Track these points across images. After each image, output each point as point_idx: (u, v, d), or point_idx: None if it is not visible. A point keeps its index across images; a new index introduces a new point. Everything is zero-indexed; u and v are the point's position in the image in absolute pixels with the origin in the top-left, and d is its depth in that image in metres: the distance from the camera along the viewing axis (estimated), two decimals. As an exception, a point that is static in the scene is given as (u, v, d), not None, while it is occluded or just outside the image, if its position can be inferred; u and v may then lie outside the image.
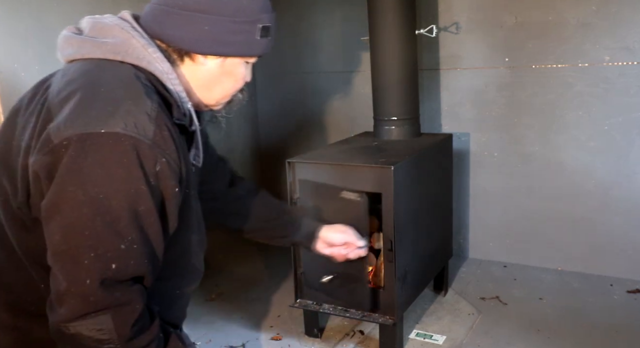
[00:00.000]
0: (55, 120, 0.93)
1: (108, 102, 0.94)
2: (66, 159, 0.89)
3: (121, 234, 0.92)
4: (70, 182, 0.89)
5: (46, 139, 0.92)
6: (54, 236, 0.91)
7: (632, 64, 2.50)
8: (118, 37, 1.04)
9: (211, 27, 1.06)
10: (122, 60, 1.03)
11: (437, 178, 2.45)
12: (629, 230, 2.66)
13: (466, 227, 3.04)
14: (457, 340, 2.25)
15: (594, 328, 2.29)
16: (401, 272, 2.06)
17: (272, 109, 3.41)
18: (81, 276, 0.90)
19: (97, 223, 0.90)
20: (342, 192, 2.00)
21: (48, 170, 0.91)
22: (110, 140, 0.90)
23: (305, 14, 3.19)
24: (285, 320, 2.46)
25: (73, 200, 0.90)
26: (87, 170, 0.89)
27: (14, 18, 2.01)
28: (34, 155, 0.93)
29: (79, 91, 0.96)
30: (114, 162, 0.90)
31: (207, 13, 1.05)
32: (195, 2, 1.04)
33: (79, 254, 0.90)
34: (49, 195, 0.91)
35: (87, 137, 0.89)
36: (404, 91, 2.47)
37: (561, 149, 2.72)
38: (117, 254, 0.92)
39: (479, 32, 2.77)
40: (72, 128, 0.90)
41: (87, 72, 1.01)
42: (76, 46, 1.07)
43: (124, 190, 0.91)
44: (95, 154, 0.89)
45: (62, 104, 0.95)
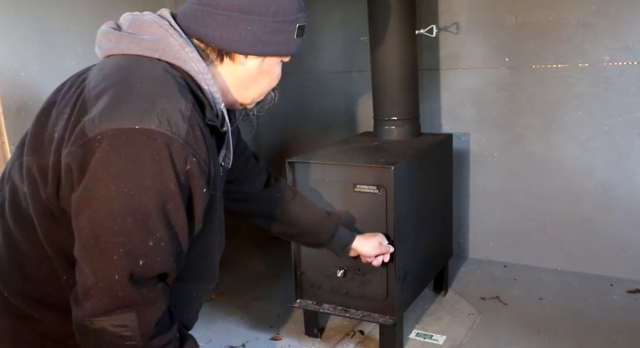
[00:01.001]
0: (90, 114, 0.93)
1: (143, 98, 0.94)
2: (99, 153, 0.90)
3: (150, 231, 0.92)
4: (102, 177, 0.90)
5: (80, 131, 0.92)
6: (84, 230, 0.92)
7: (632, 64, 2.50)
8: (156, 35, 1.05)
9: (253, 28, 1.07)
10: (159, 58, 1.04)
11: (437, 178, 2.45)
12: (629, 230, 2.66)
13: (466, 227, 3.04)
14: (457, 340, 2.25)
15: (594, 328, 2.29)
16: (401, 272, 2.06)
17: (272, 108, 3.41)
18: (110, 271, 0.91)
19: (127, 219, 0.90)
20: (357, 186, 2.01)
21: (80, 163, 0.91)
22: (144, 136, 0.90)
23: (305, 14, 3.18)
24: (285, 320, 2.46)
25: (104, 194, 0.90)
26: (119, 166, 0.89)
27: (14, 18, 2.01)
28: (68, 147, 0.94)
29: (114, 86, 0.97)
30: (147, 158, 0.90)
31: (249, 13, 1.06)
32: (237, 2, 1.05)
33: (108, 249, 0.90)
34: (80, 189, 0.91)
35: (121, 133, 0.90)
36: (404, 91, 2.47)
37: (561, 149, 2.73)
38: (146, 251, 0.92)
39: (479, 32, 2.77)
40: (107, 122, 0.91)
41: (124, 67, 1.02)
42: (114, 41, 1.07)
43: (155, 188, 0.92)
44: (128, 149, 0.90)
45: (97, 98, 0.96)
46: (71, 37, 2.19)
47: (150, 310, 0.95)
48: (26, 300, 1.08)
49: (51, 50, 2.13)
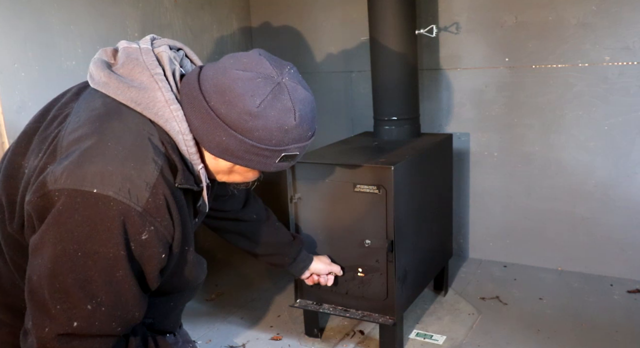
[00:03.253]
0: (57, 164, 0.93)
1: (110, 160, 0.93)
2: (55, 209, 0.90)
3: (90, 295, 0.92)
4: (53, 234, 0.90)
5: (43, 182, 0.92)
6: (32, 276, 0.93)
7: (632, 64, 2.50)
8: (144, 85, 1.02)
9: (229, 140, 1.04)
10: (141, 112, 1.02)
11: (437, 178, 2.45)
12: (629, 230, 2.66)
13: (466, 227, 3.04)
14: (457, 340, 2.25)
15: (594, 328, 2.29)
16: (401, 272, 2.06)
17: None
18: (43, 323, 0.92)
19: (69, 278, 0.91)
20: (357, 186, 2.01)
21: (39, 213, 0.93)
22: (99, 202, 0.90)
23: (305, 14, 3.19)
24: (285, 320, 2.46)
25: (52, 251, 0.90)
26: (71, 227, 0.90)
27: (14, 18, 2.01)
28: (30, 195, 0.94)
29: (88, 139, 0.95)
30: (99, 224, 0.90)
31: (232, 127, 1.03)
32: (226, 111, 1.02)
33: (46, 303, 0.91)
34: (35, 237, 0.93)
35: (78, 195, 0.90)
36: (404, 91, 2.47)
37: (561, 149, 2.73)
38: (82, 313, 0.92)
39: (479, 32, 2.77)
40: (67, 180, 0.91)
41: (104, 117, 1.00)
42: (104, 80, 1.04)
43: (103, 254, 0.91)
44: (82, 213, 0.90)
45: (69, 147, 0.95)
46: (71, 37, 2.19)
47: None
48: (6, 311, 1.10)
49: (51, 50, 2.13)
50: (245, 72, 1.02)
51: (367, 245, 2.05)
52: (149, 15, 2.57)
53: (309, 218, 2.14)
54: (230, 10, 3.18)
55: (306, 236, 2.16)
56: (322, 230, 2.13)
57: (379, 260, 2.04)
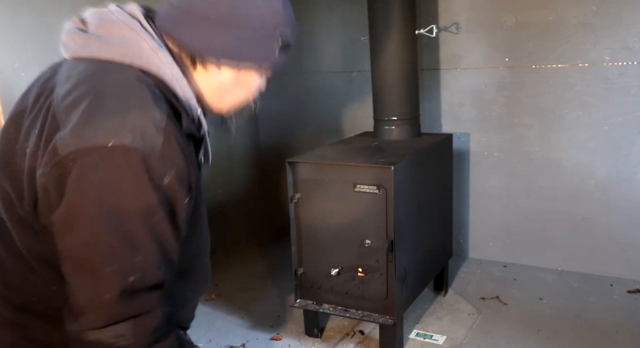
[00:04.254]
0: (62, 130, 0.91)
1: (115, 111, 0.91)
2: (75, 174, 0.87)
3: (136, 247, 0.91)
4: (81, 199, 0.88)
5: (53, 150, 0.89)
6: (70, 251, 0.91)
7: (632, 64, 2.50)
8: (127, 38, 1.00)
9: (228, 38, 1.03)
10: (131, 64, 0.99)
11: (437, 178, 2.45)
12: (629, 230, 2.66)
13: (466, 227, 3.04)
14: (457, 340, 2.25)
15: (594, 328, 2.29)
16: (401, 272, 2.06)
17: (272, 109, 3.41)
18: (100, 290, 0.90)
19: (112, 238, 0.89)
20: (357, 186, 2.01)
21: (56, 183, 0.89)
22: (118, 154, 0.88)
23: (305, 14, 3.19)
24: (285, 320, 2.46)
25: (86, 217, 0.88)
26: (97, 186, 0.87)
27: (14, 18, 2.01)
28: (42, 168, 0.91)
29: (85, 98, 0.93)
30: (124, 176, 0.89)
31: (227, 25, 1.02)
32: (215, 11, 1.01)
33: (97, 269, 0.90)
34: (61, 212, 0.90)
35: (94, 151, 0.87)
36: (404, 91, 2.47)
37: (561, 149, 2.73)
38: (134, 267, 0.91)
39: (479, 32, 2.77)
40: (79, 141, 0.88)
41: (93, 75, 0.98)
42: (81, 44, 1.02)
43: (136, 205, 0.90)
44: (104, 168, 0.88)
45: (68, 111, 0.93)
46: (71, 37, 2.18)
47: (144, 319, 0.94)
48: (14, 310, 1.06)
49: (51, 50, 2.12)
50: None
51: (367, 245, 2.05)
52: (149, 15, 2.57)
53: (309, 218, 2.14)
54: (230, 10, 3.17)
55: (306, 236, 2.16)
56: (322, 230, 2.13)
57: (379, 260, 2.04)
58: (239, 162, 3.32)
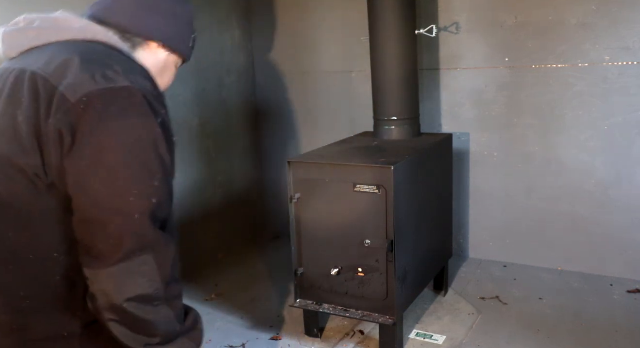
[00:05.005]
0: (63, 84, 0.97)
1: (107, 64, 1.01)
2: (91, 113, 0.95)
3: (152, 173, 1.01)
4: (103, 133, 0.96)
5: (61, 99, 0.96)
6: (95, 185, 0.97)
7: (632, 64, 2.50)
8: (77, 25, 1.11)
9: (172, 26, 1.23)
10: (92, 39, 1.10)
11: (437, 178, 2.45)
12: (629, 230, 2.66)
13: (466, 227, 3.04)
14: (457, 340, 2.25)
15: (594, 328, 2.29)
16: (401, 272, 2.06)
17: (272, 108, 3.41)
18: (131, 212, 0.98)
19: (135, 165, 0.99)
20: (357, 186, 2.01)
21: (70, 128, 0.95)
22: (125, 92, 0.98)
23: (305, 14, 3.19)
24: (285, 320, 2.46)
25: (111, 148, 0.96)
26: (114, 120, 0.96)
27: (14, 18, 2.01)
28: (50, 118, 0.96)
29: (74, 57, 1.01)
30: (134, 111, 0.99)
31: (173, 14, 1.23)
32: (163, 2, 1.21)
33: (125, 195, 0.98)
34: (83, 152, 0.96)
35: (104, 92, 0.96)
36: (404, 91, 2.47)
37: (561, 149, 2.73)
38: (153, 190, 1.01)
39: (479, 32, 2.77)
40: (87, 86, 0.96)
41: (67, 46, 1.07)
42: (34, 35, 1.11)
43: (147, 135, 1.00)
44: (117, 106, 0.97)
45: (61, 70, 0.99)
46: (71, 37, 2.18)
47: (164, 252, 1.01)
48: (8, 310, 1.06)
49: (51, 50, 2.12)
50: None
51: (367, 245, 2.05)
52: (149, 15, 2.57)
53: (309, 218, 2.14)
54: (230, 10, 3.18)
55: (306, 236, 2.16)
56: (322, 230, 2.13)
57: (379, 260, 2.04)
58: (239, 162, 3.32)
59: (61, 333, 1.05)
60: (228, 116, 3.20)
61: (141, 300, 0.99)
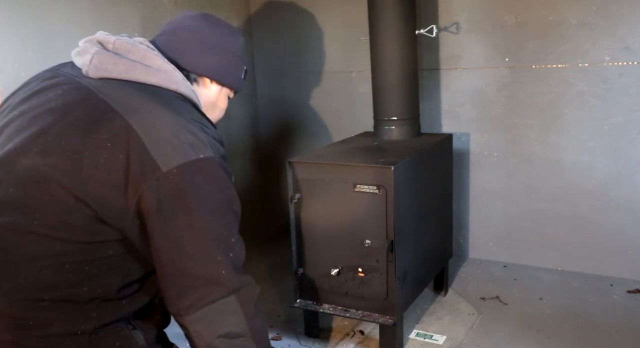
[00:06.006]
0: (157, 152, 1.05)
1: (192, 130, 1.11)
2: (181, 183, 1.05)
3: (231, 229, 1.14)
4: (193, 199, 1.06)
5: (153, 167, 1.04)
6: (190, 251, 1.07)
7: (632, 64, 2.50)
8: (164, 67, 1.19)
9: (225, 61, 1.34)
10: (176, 90, 1.19)
11: (437, 178, 2.45)
12: (629, 230, 2.66)
13: (466, 227, 3.04)
14: (457, 340, 2.25)
15: (594, 328, 2.29)
16: (401, 272, 2.06)
17: (272, 109, 3.41)
18: (219, 268, 1.10)
19: (220, 225, 1.11)
20: (357, 186, 2.01)
21: (160, 195, 1.04)
22: (207, 163, 1.09)
23: (305, 14, 3.19)
24: (285, 320, 2.46)
25: (199, 212, 1.07)
26: (201, 187, 1.08)
27: (15, 18, 2.01)
28: (142, 182, 1.04)
29: (167, 121, 1.09)
30: (217, 178, 1.11)
31: (225, 50, 1.34)
32: (217, 39, 1.32)
33: (213, 253, 1.10)
34: (172, 217, 1.06)
35: (192, 164, 1.07)
36: (404, 91, 2.47)
37: (561, 149, 2.73)
38: (232, 245, 1.13)
39: (479, 32, 2.77)
40: (177, 157, 1.06)
41: (155, 96, 1.14)
42: (124, 68, 1.16)
43: (227, 197, 1.13)
44: (203, 174, 1.08)
45: (154, 134, 1.06)
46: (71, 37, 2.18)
47: (245, 291, 1.14)
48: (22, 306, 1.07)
49: (51, 50, 2.12)
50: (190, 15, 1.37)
51: (367, 245, 2.05)
52: (148, 15, 2.57)
53: (309, 218, 2.15)
54: (230, 10, 3.18)
55: (306, 236, 2.16)
56: (322, 230, 2.13)
57: (379, 260, 2.04)
58: (239, 162, 3.32)
59: (75, 331, 1.09)
60: (228, 116, 3.21)
61: (231, 336, 1.11)
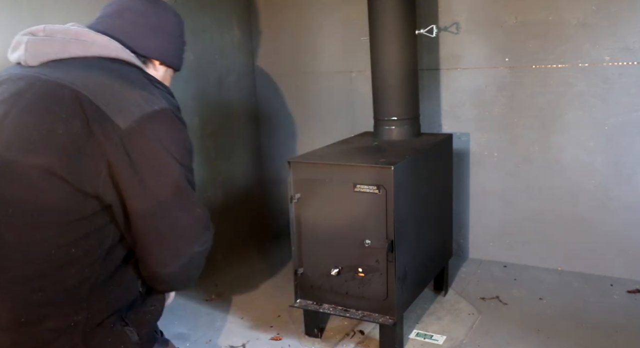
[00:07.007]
0: (113, 109, 1.09)
1: (145, 87, 1.17)
2: (140, 135, 1.10)
3: (192, 172, 1.24)
4: (158, 149, 1.13)
5: (112, 125, 1.08)
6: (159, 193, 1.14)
7: (632, 64, 2.50)
8: (99, 40, 1.22)
9: (171, 43, 1.39)
10: (115, 57, 1.22)
11: (437, 178, 2.45)
12: (629, 230, 2.66)
13: (466, 227, 3.04)
14: (457, 340, 2.25)
15: (594, 328, 2.29)
16: (401, 272, 2.06)
17: (272, 109, 3.41)
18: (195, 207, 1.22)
19: (187, 172, 1.20)
20: (357, 186, 2.01)
21: (123, 148, 1.08)
22: (164, 113, 1.15)
23: (305, 14, 3.19)
24: (285, 320, 2.46)
25: (167, 160, 1.14)
26: (163, 137, 1.14)
27: (15, 18, 2.01)
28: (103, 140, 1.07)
29: (113, 83, 1.14)
30: (175, 126, 1.17)
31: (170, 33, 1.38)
32: (162, 21, 1.35)
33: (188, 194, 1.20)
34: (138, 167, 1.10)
35: (150, 115, 1.12)
36: (404, 91, 2.47)
37: (561, 149, 2.73)
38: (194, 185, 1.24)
39: (479, 32, 2.77)
40: (135, 112, 1.10)
41: (97, 64, 1.18)
42: (59, 48, 1.19)
43: (188, 146, 1.21)
44: (161, 124, 1.14)
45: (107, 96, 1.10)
46: (71, 37, 2.18)
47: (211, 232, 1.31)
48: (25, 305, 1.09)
49: (51, 50, 2.12)
50: None
51: (367, 245, 2.05)
52: (149, 15, 2.57)
53: (309, 218, 2.15)
54: (230, 10, 3.18)
55: (306, 236, 2.16)
56: (322, 230, 2.13)
57: (379, 260, 2.04)
58: (239, 162, 3.32)
59: (68, 323, 1.11)
60: (228, 116, 3.20)
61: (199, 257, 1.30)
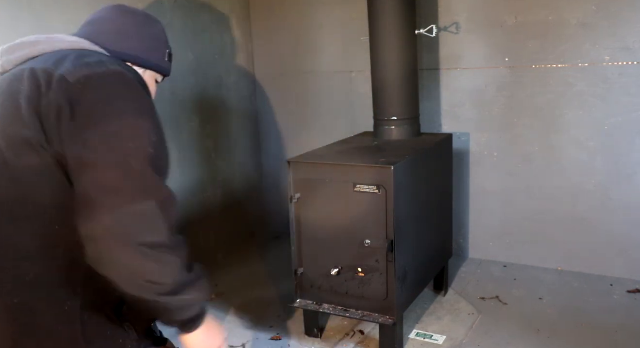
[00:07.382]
0: (62, 68, 1.06)
1: (101, 58, 1.14)
2: (89, 90, 1.05)
3: (152, 134, 1.09)
4: (102, 105, 1.05)
5: (60, 80, 1.04)
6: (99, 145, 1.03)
7: (632, 64, 2.50)
8: (68, 38, 1.22)
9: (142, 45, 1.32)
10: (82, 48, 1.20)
11: (437, 178, 2.45)
12: (629, 230, 2.66)
13: (466, 227, 3.04)
14: (457, 340, 2.25)
15: (594, 328, 2.29)
16: (401, 272, 2.06)
17: (272, 109, 3.41)
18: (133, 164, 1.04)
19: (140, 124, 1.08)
20: (357, 186, 2.01)
21: (70, 102, 1.03)
22: (119, 75, 1.10)
23: (305, 14, 3.19)
24: (285, 320, 2.46)
25: (117, 114, 1.06)
26: (110, 94, 1.07)
27: (15, 18, 2.01)
28: (52, 94, 1.03)
29: (69, 54, 1.12)
30: (129, 87, 1.10)
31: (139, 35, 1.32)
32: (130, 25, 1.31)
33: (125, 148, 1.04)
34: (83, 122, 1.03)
35: (101, 73, 1.07)
36: (404, 91, 2.47)
37: (561, 149, 2.72)
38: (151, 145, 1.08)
39: (479, 32, 2.77)
40: (85, 70, 1.07)
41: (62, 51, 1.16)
42: (29, 47, 1.19)
43: (141, 106, 1.11)
44: (113, 83, 1.08)
45: (59, 62, 1.08)
46: (71, 37, 2.19)
47: (168, 203, 1.05)
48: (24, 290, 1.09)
49: (51, 50, 2.13)
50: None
51: (367, 245, 2.05)
52: (149, 15, 2.57)
53: (309, 218, 2.15)
54: (230, 10, 3.18)
55: (306, 236, 2.16)
56: (322, 230, 2.13)
57: (379, 260, 2.04)
58: (239, 162, 3.32)
59: (62, 308, 1.08)
60: (228, 116, 3.20)
61: (150, 246, 1.01)
